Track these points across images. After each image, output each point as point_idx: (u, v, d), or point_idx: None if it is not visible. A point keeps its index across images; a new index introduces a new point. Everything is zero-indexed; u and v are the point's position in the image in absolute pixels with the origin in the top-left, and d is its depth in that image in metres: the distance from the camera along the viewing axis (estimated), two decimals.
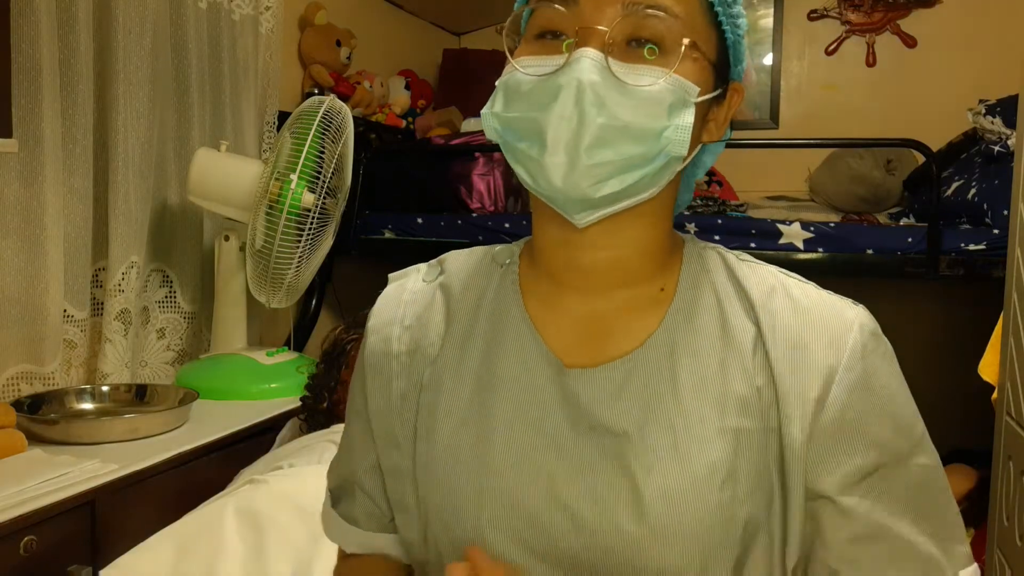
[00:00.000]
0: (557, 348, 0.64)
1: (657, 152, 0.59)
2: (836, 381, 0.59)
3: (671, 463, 0.58)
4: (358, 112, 2.63)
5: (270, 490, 1.14)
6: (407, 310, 0.71)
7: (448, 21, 3.37)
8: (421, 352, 0.68)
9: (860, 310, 0.63)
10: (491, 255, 0.73)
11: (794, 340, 0.60)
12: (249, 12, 2.16)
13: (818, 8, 3.01)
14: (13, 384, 1.62)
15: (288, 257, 1.80)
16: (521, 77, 0.60)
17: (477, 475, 0.62)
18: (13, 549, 1.16)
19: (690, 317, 0.63)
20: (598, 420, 0.61)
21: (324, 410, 1.50)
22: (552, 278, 0.66)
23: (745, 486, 0.58)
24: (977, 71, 2.70)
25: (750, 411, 0.59)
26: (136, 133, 1.80)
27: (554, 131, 0.57)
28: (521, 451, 0.62)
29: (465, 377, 0.66)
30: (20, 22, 1.55)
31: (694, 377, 0.61)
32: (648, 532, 0.57)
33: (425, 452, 0.65)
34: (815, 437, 0.58)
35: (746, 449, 0.59)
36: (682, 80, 0.59)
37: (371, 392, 0.70)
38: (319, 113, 1.77)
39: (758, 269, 0.66)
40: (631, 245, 0.63)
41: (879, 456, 0.59)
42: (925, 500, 0.60)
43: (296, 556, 1.03)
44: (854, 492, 0.59)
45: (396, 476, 0.68)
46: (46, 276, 1.62)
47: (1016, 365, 1.39)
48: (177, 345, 2.04)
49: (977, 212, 1.94)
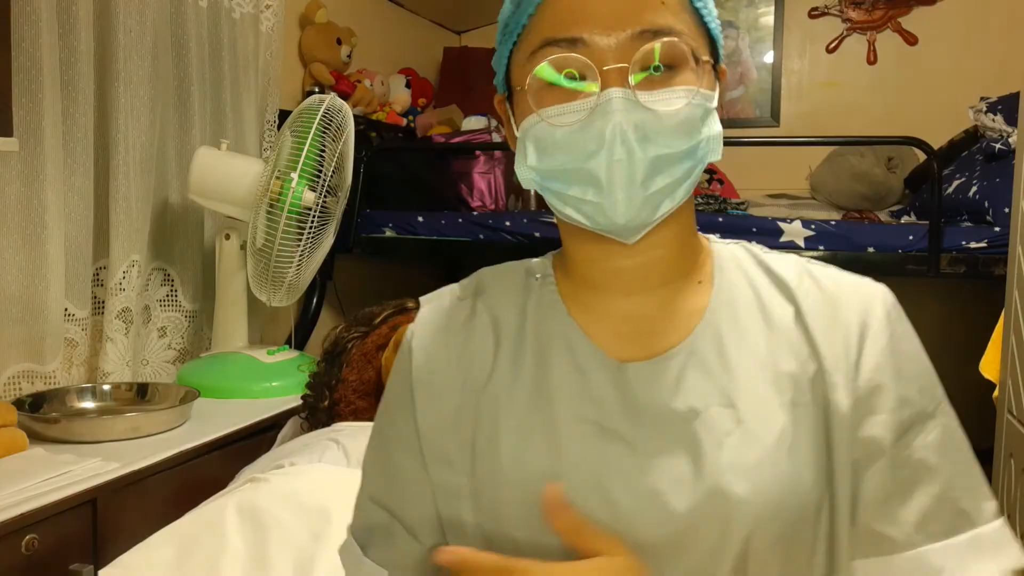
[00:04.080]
0: (607, 348, 0.66)
1: (697, 163, 0.62)
2: (867, 345, 0.63)
3: (739, 439, 0.61)
4: (359, 110, 2.63)
5: (271, 489, 1.14)
6: (450, 328, 0.71)
7: (448, 19, 3.37)
8: (472, 367, 0.69)
9: (881, 286, 0.68)
10: (525, 268, 0.74)
11: (828, 314, 0.65)
12: (249, 11, 2.16)
13: (819, 6, 3.01)
14: (14, 383, 1.62)
15: (289, 256, 1.80)
16: (552, 129, 0.61)
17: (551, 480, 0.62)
18: (15, 548, 1.16)
19: (731, 305, 0.67)
20: (661, 410, 0.63)
21: (325, 408, 1.50)
22: (592, 285, 0.68)
23: (805, 457, 0.61)
24: (978, 69, 2.70)
25: (800, 386, 0.63)
26: (137, 132, 1.80)
27: (608, 175, 0.60)
28: (591, 450, 0.63)
29: (521, 390, 0.66)
30: (21, 21, 1.55)
31: (745, 360, 0.64)
32: (727, 507, 0.59)
33: (489, 467, 0.65)
34: (855, 401, 0.62)
35: (802, 421, 0.62)
36: (702, 91, 0.61)
37: (421, 409, 0.69)
38: (320, 111, 1.77)
39: (783, 257, 0.71)
40: (666, 244, 0.66)
41: (910, 416, 0.62)
42: (951, 458, 0.63)
43: (297, 555, 1.03)
44: (889, 452, 0.62)
45: (450, 494, 0.67)
46: (47, 275, 1.62)
47: (1017, 363, 1.39)
48: (178, 344, 2.05)
49: (978, 210, 1.94)
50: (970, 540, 0.60)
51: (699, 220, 2.29)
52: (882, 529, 0.61)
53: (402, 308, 1.61)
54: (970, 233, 1.87)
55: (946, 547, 0.60)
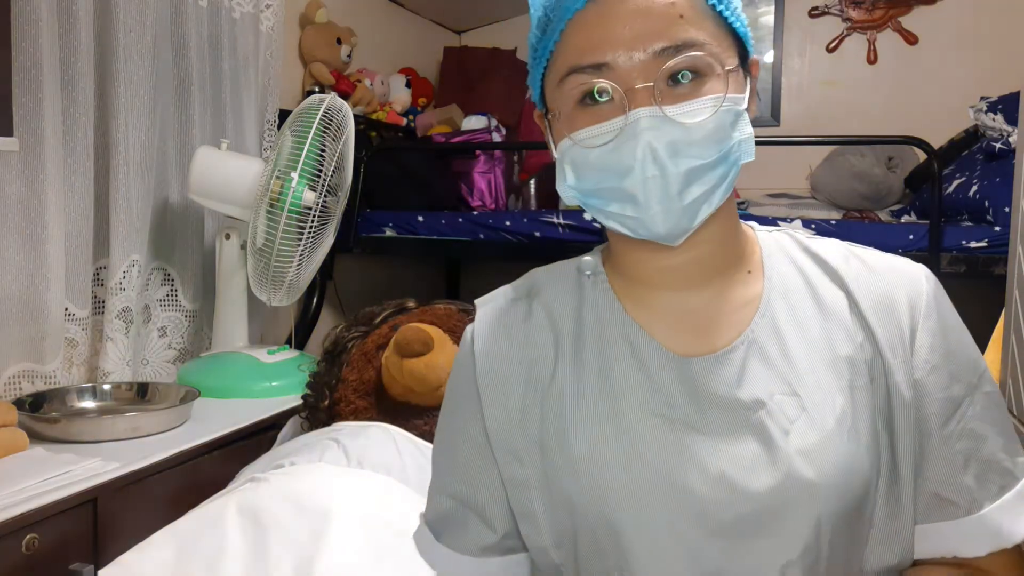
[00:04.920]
0: (668, 344, 0.68)
1: (731, 167, 0.65)
2: (920, 327, 0.67)
3: (803, 424, 0.63)
4: (359, 110, 2.62)
5: (271, 488, 1.14)
6: (510, 328, 0.74)
7: (449, 19, 3.37)
8: (535, 367, 0.71)
9: (921, 265, 0.71)
10: (576, 267, 0.76)
11: (878, 296, 0.68)
12: (249, 10, 2.16)
13: (819, 5, 3.01)
14: (15, 382, 1.62)
15: (289, 255, 1.80)
16: (585, 152, 0.64)
17: (624, 466, 0.65)
18: (15, 547, 1.16)
19: (784, 294, 0.69)
20: (727, 401, 0.65)
21: (325, 408, 1.50)
22: (644, 283, 0.71)
23: (865, 437, 0.64)
24: (978, 68, 2.70)
25: (857, 368, 0.66)
26: (137, 131, 1.80)
27: (643, 191, 0.62)
28: (659, 439, 0.65)
29: (586, 387, 0.69)
30: (21, 21, 1.55)
31: (803, 346, 0.66)
32: (793, 489, 0.62)
33: (561, 461, 0.67)
34: (913, 381, 0.65)
35: (860, 403, 0.65)
36: (730, 96, 0.63)
37: (488, 408, 0.71)
38: (320, 111, 1.77)
39: (827, 243, 0.73)
40: (712, 239, 0.68)
41: (961, 389, 0.67)
42: (996, 421, 0.68)
43: (297, 554, 1.03)
44: (948, 424, 0.66)
45: (520, 487, 0.70)
46: (47, 274, 1.62)
47: (1018, 363, 1.39)
48: (178, 343, 2.04)
49: (978, 209, 1.94)
50: (1017, 495, 0.66)
51: None
52: (947, 495, 0.65)
53: (402, 308, 1.61)
54: (970, 233, 1.87)
55: (1001, 505, 0.65)
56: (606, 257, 0.75)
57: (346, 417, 1.45)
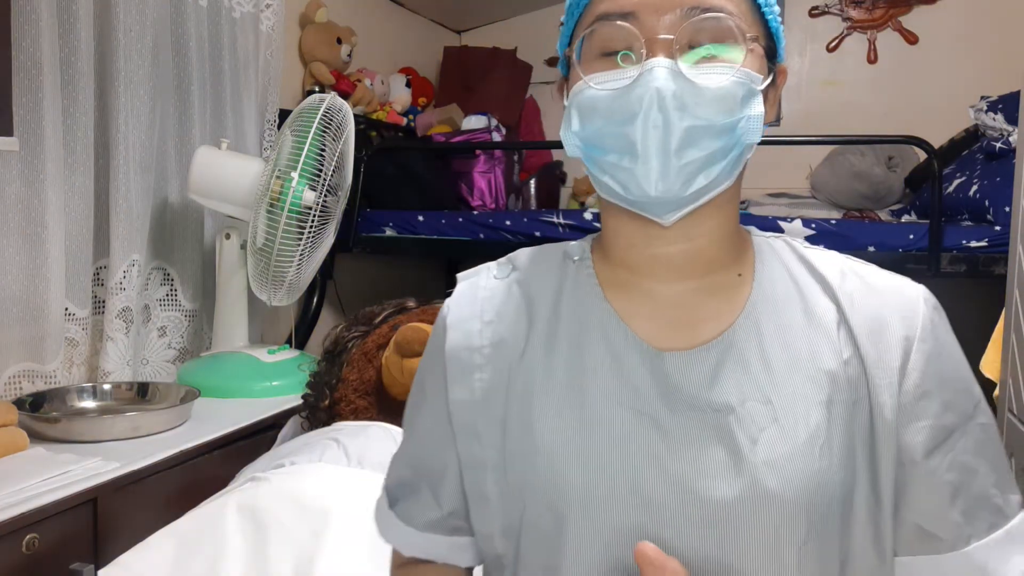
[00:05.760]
0: (645, 335, 0.67)
1: (735, 143, 0.63)
2: (914, 351, 0.64)
3: (774, 434, 0.61)
4: (359, 110, 2.63)
5: (272, 488, 1.14)
6: (485, 306, 0.72)
7: (449, 19, 3.37)
8: (505, 346, 0.69)
9: (921, 287, 0.69)
10: (562, 251, 0.75)
11: (872, 316, 0.65)
12: (249, 10, 2.16)
13: (819, 5, 3.01)
14: (15, 382, 1.62)
15: (289, 255, 1.80)
16: (595, 93, 0.63)
17: (582, 460, 0.63)
18: (15, 547, 1.16)
19: (772, 300, 0.67)
20: (698, 399, 0.63)
21: (326, 408, 1.50)
22: (631, 271, 0.69)
23: (838, 455, 0.62)
24: (978, 68, 2.70)
25: (839, 384, 0.63)
26: (137, 131, 1.80)
27: (643, 140, 0.61)
28: (623, 433, 0.63)
29: (556, 371, 0.67)
30: (21, 20, 1.55)
31: (785, 355, 0.64)
32: (757, 500, 0.60)
33: (520, 446, 0.66)
34: (901, 404, 0.63)
35: (838, 420, 0.62)
36: (748, 71, 0.63)
37: (453, 383, 0.70)
38: (320, 111, 1.77)
39: (825, 254, 0.71)
40: (709, 235, 0.67)
41: (954, 418, 0.64)
42: (989, 455, 0.65)
43: (298, 554, 1.03)
44: (935, 454, 0.63)
45: (476, 468, 0.68)
46: (47, 274, 1.62)
47: (1018, 362, 1.39)
48: (178, 343, 2.05)
49: (979, 209, 1.94)
50: (1006, 535, 0.63)
51: None
52: (931, 529, 0.63)
53: (402, 307, 1.61)
54: (970, 232, 1.87)
55: (988, 544, 0.63)
56: (595, 245, 0.74)
57: (346, 417, 1.45)
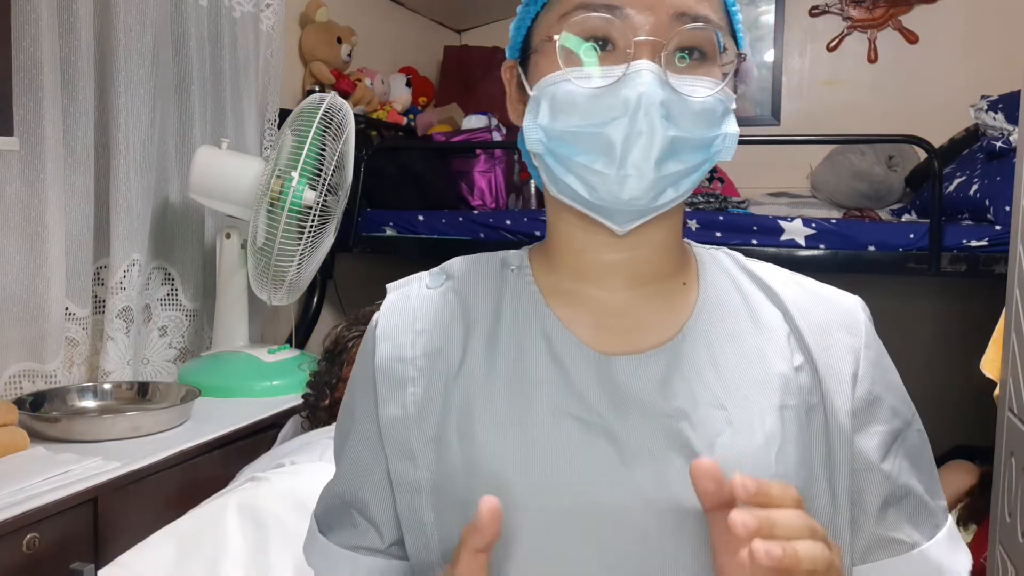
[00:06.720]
0: (591, 342, 0.64)
1: (708, 159, 0.62)
2: (862, 358, 0.65)
3: (730, 437, 0.60)
4: (359, 109, 2.62)
5: (272, 488, 1.14)
6: (417, 315, 0.68)
7: (449, 18, 3.37)
8: (441, 358, 0.66)
9: (856, 297, 0.70)
10: (499, 259, 0.72)
11: (819, 323, 0.66)
12: (250, 9, 2.16)
13: (819, 4, 3.01)
14: (15, 382, 1.62)
15: (289, 255, 1.80)
16: (574, 88, 0.59)
17: (529, 476, 0.60)
18: (15, 547, 1.16)
19: (718, 307, 0.67)
20: (649, 405, 0.61)
21: (326, 407, 1.50)
22: (577, 278, 0.67)
23: (792, 459, 0.61)
24: (979, 67, 2.70)
25: (791, 390, 0.63)
26: (137, 131, 1.80)
27: (624, 144, 0.58)
28: (571, 443, 0.61)
29: (497, 382, 0.64)
30: (21, 20, 1.55)
31: (735, 361, 0.64)
32: None
33: (461, 461, 0.62)
34: (855, 410, 0.64)
35: (791, 425, 0.62)
36: (725, 89, 0.61)
37: (384, 399, 0.66)
38: (320, 110, 1.77)
39: (766, 265, 0.72)
40: (654, 243, 0.66)
41: (899, 423, 0.66)
42: (925, 461, 0.67)
43: (298, 553, 1.03)
44: (887, 458, 0.64)
45: (410, 492, 0.65)
46: (48, 274, 1.62)
47: (1018, 361, 1.39)
48: (179, 343, 2.05)
49: (979, 208, 1.94)
50: (946, 535, 0.66)
51: (700, 218, 2.28)
52: (889, 533, 0.64)
53: None
54: (971, 231, 1.87)
55: (938, 542, 0.65)
56: (534, 254, 0.71)
57: None
